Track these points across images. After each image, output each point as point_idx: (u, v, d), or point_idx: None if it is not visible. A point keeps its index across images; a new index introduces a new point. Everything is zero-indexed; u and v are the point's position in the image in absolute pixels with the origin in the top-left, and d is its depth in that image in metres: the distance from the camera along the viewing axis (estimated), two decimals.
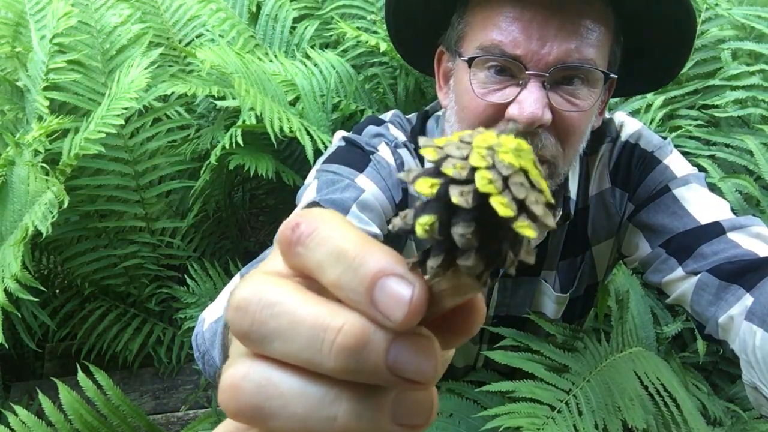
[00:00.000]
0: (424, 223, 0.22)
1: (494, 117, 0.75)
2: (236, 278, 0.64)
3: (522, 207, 0.21)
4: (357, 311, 0.22)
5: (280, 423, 0.22)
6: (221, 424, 0.26)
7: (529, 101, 0.71)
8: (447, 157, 0.22)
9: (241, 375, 0.23)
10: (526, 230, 0.21)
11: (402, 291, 0.22)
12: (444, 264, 0.22)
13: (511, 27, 0.72)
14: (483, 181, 0.21)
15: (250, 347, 0.23)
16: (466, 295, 0.24)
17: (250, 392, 0.23)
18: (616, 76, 0.78)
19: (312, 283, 0.24)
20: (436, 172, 0.22)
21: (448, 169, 0.21)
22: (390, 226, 0.23)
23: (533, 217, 0.21)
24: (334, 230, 0.23)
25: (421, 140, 0.23)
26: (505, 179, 0.21)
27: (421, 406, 0.23)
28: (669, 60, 0.83)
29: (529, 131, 0.72)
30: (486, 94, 0.75)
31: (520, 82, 0.73)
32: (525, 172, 0.21)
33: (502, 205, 0.20)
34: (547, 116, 0.72)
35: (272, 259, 0.26)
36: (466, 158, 0.21)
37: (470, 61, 0.75)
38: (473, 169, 0.21)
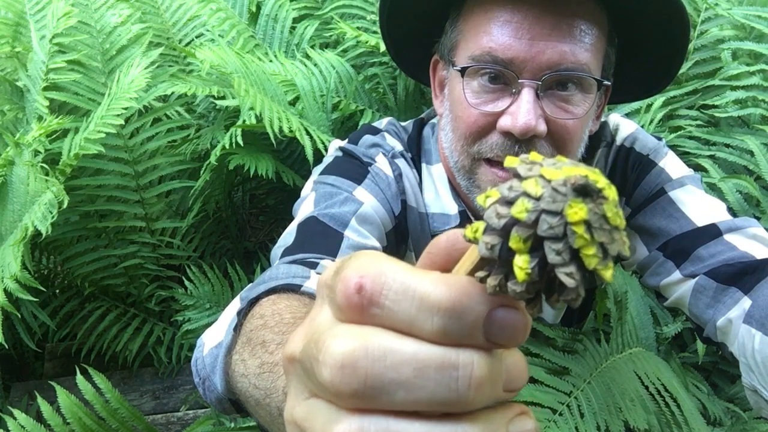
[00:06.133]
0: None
1: (488, 126, 0.75)
2: (236, 301, 0.63)
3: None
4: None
5: None
6: None
7: (522, 111, 0.70)
8: (540, 213, 0.22)
9: (357, 429, 0.22)
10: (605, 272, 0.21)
11: (516, 318, 0.22)
12: (500, 283, 0.22)
13: (502, 30, 0.71)
14: (582, 243, 0.21)
15: (357, 404, 0.22)
16: None
17: None
18: (609, 83, 0.77)
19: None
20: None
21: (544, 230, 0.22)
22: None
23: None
24: (404, 279, 0.22)
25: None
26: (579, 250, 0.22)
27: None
28: (665, 61, 0.82)
29: (522, 140, 0.72)
30: (479, 104, 0.75)
31: (513, 90, 0.72)
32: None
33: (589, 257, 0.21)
34: (542, 127, 0.71)
35: (320, 315, 0.25)
36: (561, 213, 0.21)
37: (463, 71, 0.75)
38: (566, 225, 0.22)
